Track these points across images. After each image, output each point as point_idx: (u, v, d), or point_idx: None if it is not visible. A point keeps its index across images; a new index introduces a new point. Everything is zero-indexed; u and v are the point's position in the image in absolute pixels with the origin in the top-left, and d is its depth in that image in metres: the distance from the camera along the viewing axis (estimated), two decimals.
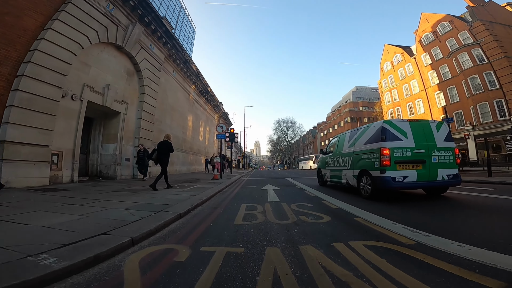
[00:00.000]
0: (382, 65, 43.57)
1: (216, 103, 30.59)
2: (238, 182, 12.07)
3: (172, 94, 17.60)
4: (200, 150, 23.90)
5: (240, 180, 12.96)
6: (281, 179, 13.40)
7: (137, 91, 12.93)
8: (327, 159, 9.01)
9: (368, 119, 58.86)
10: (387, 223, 3.28)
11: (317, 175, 10.14)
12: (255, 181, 12.27)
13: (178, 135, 18.20)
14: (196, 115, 23.58)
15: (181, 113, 19.18)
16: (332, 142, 9.31)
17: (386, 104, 41.37)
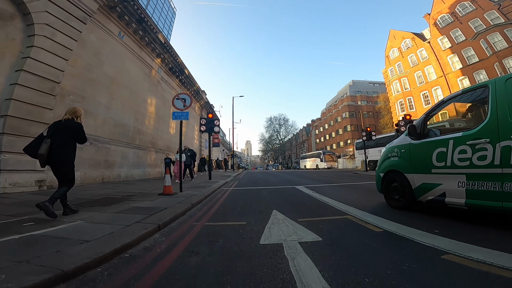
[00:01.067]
0: (387, 52, 38.57)
1: (196, 88, 24.45)
2: (211, 199, 6.21)
3: (114, 62, 11.55)
4: (170, 147, 17.76)
5: (216, 195, 7.13)
6: (290, 191, 7.66)
7: (18, 43, 6.83)
8: (437, 149, 3.44)
9: (368, 114, 53.93)
10: None
11: (380, 184, 4.84)
12: (244, 196, 6.51)
13: (126, 122, 12.14)
14: (164, 99, 17.45)
15: (133, 91, 13.06)
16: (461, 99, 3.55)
17: (395, 94, 36.21)
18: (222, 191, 8.21)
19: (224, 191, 8.02)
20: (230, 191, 8.13)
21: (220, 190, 8.33)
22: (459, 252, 2.13)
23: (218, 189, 8.44)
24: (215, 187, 8.46)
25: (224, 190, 8.30)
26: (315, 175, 15.79)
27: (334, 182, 10.35)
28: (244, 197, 6.49)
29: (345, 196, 6.28)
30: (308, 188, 8.04)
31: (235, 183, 11.34)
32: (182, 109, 7.72)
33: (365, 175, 14.49)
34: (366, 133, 19.00)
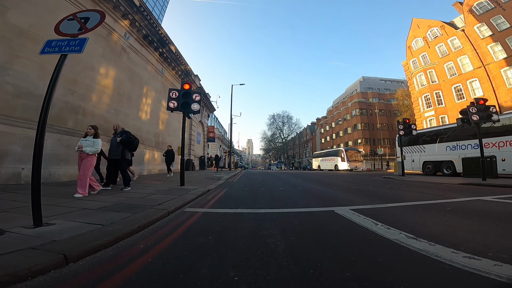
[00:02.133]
0: (409, 43, 33.88)
1: (184, 69, 19.75)
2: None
3: (32, 10, 7.16)
4: (142, 137, 13.12)
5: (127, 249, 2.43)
6: (342, 235, 2.81)
7: None
8: None
9: (381, 112, 49.10)
10: None
11: None
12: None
13: (43, 93, 7.34)
14: (133, 74, 12.99)
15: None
16: None
17: (419, 88, 31.43)
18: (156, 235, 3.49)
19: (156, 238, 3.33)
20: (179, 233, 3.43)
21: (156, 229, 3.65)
22: None
23: (157, 220, 3.74)
24: (150, 218, 3.78)
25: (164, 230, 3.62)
26: (341, 181, 11.14)
27: (395, 198, 5.69)
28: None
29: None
30: (371, 220, 3.37)
31: (218, 194, 6.67)
32: (73, 34, 3.05)
33: (418, 183, 9.78)
34: (404, 126, 14.25)
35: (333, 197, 6.10)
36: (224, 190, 7.63)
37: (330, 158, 35.47)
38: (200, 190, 6.93)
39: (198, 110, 8.31)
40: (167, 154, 13.07)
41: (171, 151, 13.10)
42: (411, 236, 2.74)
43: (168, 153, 13.11)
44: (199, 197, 6.04)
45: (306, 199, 5.88)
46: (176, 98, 8.20)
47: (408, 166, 17.27)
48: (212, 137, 29.04)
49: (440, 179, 11.94)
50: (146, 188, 6.90)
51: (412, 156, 17.39)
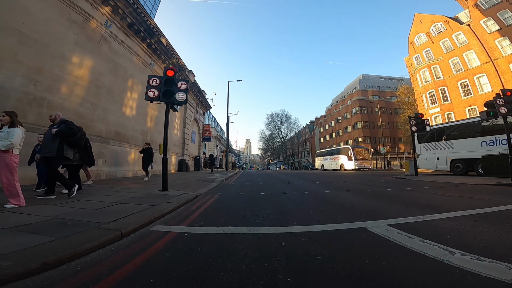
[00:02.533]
0: (411, 38, 32.76)
1: (176, 62, 18.35)
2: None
3: None
4: (126, 135, 11.75)
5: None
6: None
7: None
8: None
9: (381, 110, 47.90)
10: None
11: None
12: None
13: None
14: (115, 65, 11.69)
15: (28, 38, 7.19)
16: None
17: (422, 84, 30.25)
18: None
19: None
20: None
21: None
22: None
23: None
24: (76, 249, 2.43)
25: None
26: (351, 182, 9.81)
27: (433, 205, 4.35)
28: None
29: None
30: (436, 245, 2.02)
31: (207, 202, 5.32)
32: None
33: (439, 184, 8.44)
34: (417, 121, 12.97)
35: (353, 205, 4.76)
36: (216, 196, 6.26)
37: (335, 156, 32.51)
38: (185, 196, 5.56)
39: (184, 101, 6.91)
40: (144, 153, 10.65)
41: (149, 149, 10.71)
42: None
43: (145, 152, 10.65)
44: (181, 206, 4.67)
45: (320, 208, 4.53)
46: (157, 86, 6.83)
47: (431, 165, 15.45)
48: (208, 136, 27.64)
49: (459, 179, 10.65)
50: (115, 195, 5.51)
51: (436, 153, 15.26)
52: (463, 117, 25.98)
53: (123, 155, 11.38)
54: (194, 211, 4.39)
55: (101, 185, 7.47)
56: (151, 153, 10.79)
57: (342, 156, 30.48)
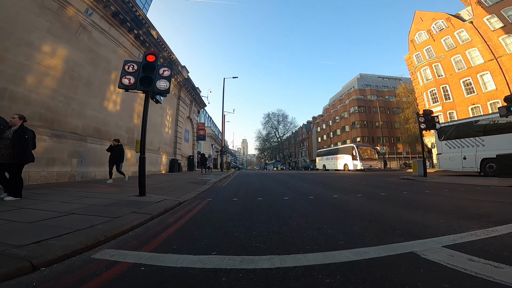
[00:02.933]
0: (412, 36, 32.04)
1: (167, 56, 17.19)
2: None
3: None
4: (108, 131, 10.62)
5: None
6: None
7: None
8: None
9: (379, 109, 47.14)
10: None
11: None
12: None
13: None
14: (96, 56, 10.62)
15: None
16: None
17: (423, 82, 29.47)
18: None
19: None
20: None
21: None
22: None
23: None
24: None
25: None
26: (358, 184, 8.77)
27: (476, 214, 3.34)
28: None
29: None
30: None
31: (191, 212, 4.25)
32: None
33: (459, 186, 7.42)
34: (426, 119, 12.00)
35: (375, 215, 3.72)
36: (204, 203, 5.17)
37: (338, 156, 30.21)
38: (164, 204, 4.46)
39: (166, 90, 5.79)
40: (112, 151, 8.75)
41: (119, 147, 8.88)
42: None
43: (113, 150, 8.75)
44: (154, 218, 3.59)
45: (336, 221, 3.48)
46: (135, 72, 5.72)
47: (455, 165, 13.83)
48: (202, 134, 26.46)
49: (472, 180, 9.69)
50: (74, 201, 4.39)
51: (462, 152, 13.50)
52: (465, 116, 25.23)
53: (104, 154, 10.15)
54: (169, 225, 3.30)
55: (68, 188, 6.32)
56: (122, 151, 8.98)
57: (346, 156, 28.33)
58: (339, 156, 30.09)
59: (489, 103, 23.55)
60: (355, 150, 26.63)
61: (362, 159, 25.76)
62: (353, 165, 26.54)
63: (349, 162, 27.44)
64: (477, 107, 24.59)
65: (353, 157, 26.58)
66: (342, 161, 28.95)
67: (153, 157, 15.02)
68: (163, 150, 16.75)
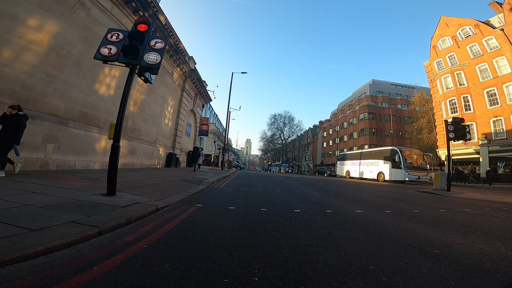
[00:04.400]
0: (435, 42, 30.39)
1: (173, 43, 15.99)
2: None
3: None
4: (96, 117, 9.47)
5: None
6: None
7: None
8: None
9: (391, 118, 45.46)
10: None
11: None
12: None
13: None
14: (91, 34, 9.41)
15: None
16: None
17: (443, 91, 27.84)
18: None
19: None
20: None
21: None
22: None
23: None
24: None
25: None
26: (380, 197, 7.39)
27: None
28: None
29: None
30: None
31: (164, 227, 3.00)
32: None
33: (502, 205, 6.01)
34: (456, 127, 10.57)
35: (433, 245, 2.38)
36: (190, 211, 3.91)
37: (372, 162, 23.54)
38: (132, 210, 3.22)
39: (156, 64, 4.56)
40: (3, 124, 5.39)
41: (17, 117, 5.47)
42: None
43: (6, 122, 5.37)
44: (102, 234, 2.35)
45: (377, 252, 2.17)
46: (119, 42, 4.51)
47: None
48: (205, 130, 25.23)
49: (498, 197, 8.26)
50: (16, 196, 3.15)
51: None
52: (486, 129, 23.64)
53: (89, 142, 9.01)
54: (117, 251, 2.03)
55: (24, 178, 5.10)
56: (20, 124, 5.44)
57: (382, 162, 21.81)
58: (372, 161, 23.53)
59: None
60: (398, 155, 19.93)
61: (407, 168, 19.34)
62: (393, 174, 20.10)
63: (386, 170, 21.14)
64: (499, 120, 22.95)
65: (394, 164, 20.23)
66: (376, 168, 22.47)
67: (148, 149, 13.82)
68: (161, 143, 15.57)
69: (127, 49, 4.40)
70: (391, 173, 20.51)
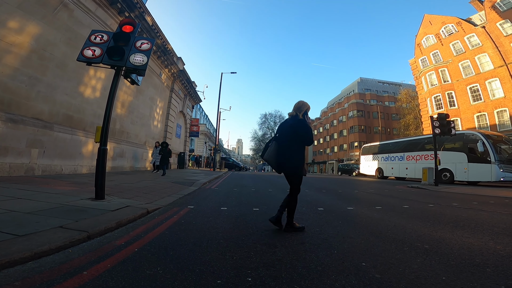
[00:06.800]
0: (419, 40, 31.13)
1: (161, 43, 15.77)
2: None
3: None
4: (83, 120, 9.26)
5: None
6: None
7: None
8: None
9: (379, 114, 46.29)
10: None
11: None
12: None
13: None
14: (75, 36, 9.16)
15: None
16: None
17: (428, 88, 28.54)
18: None
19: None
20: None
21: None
22: None
23: None
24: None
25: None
26: (380, 195, 7.49)
27: None
28: None
29: None
30: None
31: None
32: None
33: (489, 198, 6.22)
34: (441, 123, 10.86)
35: (423, 240, 2.44)
36: (182, 213, 3.88)
37: (426, 154, 16.35)
38: (122, 214, 3.18)
39: (143, 66, 4.46)
40: None
41: None
42: None
43: None
44: (91, 238, 2.30)
45: (369, 248, 2.20)
46: (103, 43, 4.42)
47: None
48: (195, 131, 25.04)
49: (486, 191, 8.52)
50: (1, 202, 3.04)
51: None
52: (470, 124, 24.38)
53: (75, 146, 8.79)
54: (107, 255, 1.98)
55: (11, 184, 4.93)
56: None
57: (453, 154, 14.67)
58: (426, 154, 16.33)
59: (496, 111, 22.67)
60: (482, 142, 13.22)
61: (500, 162, 12.71)
62: (474, 172, 13.53)
63: (461, 164, 14.17)
64: (483, 115, 23.71)
65: (473, 156, 13.69)
66: (443, 162, 13.83)
67: (138, 151, 13.61)
68: (150, 145, 15.34)
69: (112, 50, 4.31)
70: (468, 170, 13.79)
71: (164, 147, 11.47)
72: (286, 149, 2.89)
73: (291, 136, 2.89)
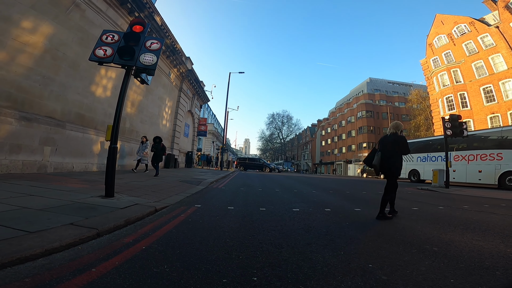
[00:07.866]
0: (431, 40, 30.48)
1: (170, 43, 15.93)
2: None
3: None
4: (94, 119, 9.46)
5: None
6: None
7: None
8: None
9: (388, 116, 45.60)
10: None
11: None
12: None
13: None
14: (87, 36, 9.44)
15: None
16: None
17: (440, 88, 27.95)
18: None
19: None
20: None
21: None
22: None
23: None
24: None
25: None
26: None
27: None
28: None
29: None
30: None
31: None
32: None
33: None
34: (453, 124, 10.63)
35: (433, 243, 2.40)
36: (189, 212, 3.93)
37: (489, 153, 13.00)
38: (131, 212, 3.24)
39: (152, 65, 4.53)
40: None
41: None
42: None
43: None
44: (101, 235, 2.35)
45: (377, 251, 2.17)
46: (114, 43, 4.50)
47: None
48: (203, 130, 25.21)
49: (497, 194, 8.29)
50: (14, 199, 3.18)
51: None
52: (483, 126, 23.76)
53: (87, 144, 8.99)
54: (115, 253, 2.02)
55: (23, 181, 5.08)
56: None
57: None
58: (491, 153, 12.97)
59: (510, 112, 22.04)
60: None
61: None
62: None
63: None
64: (496, 116, 23.07)
65: None
66: (500, 163, 12.32)
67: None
68: None
69: (122, 50, 4.39)
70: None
71: (157, 143, 10.04)
72: (390, 157, 3.93)
73: (393, 147, 3.94)
